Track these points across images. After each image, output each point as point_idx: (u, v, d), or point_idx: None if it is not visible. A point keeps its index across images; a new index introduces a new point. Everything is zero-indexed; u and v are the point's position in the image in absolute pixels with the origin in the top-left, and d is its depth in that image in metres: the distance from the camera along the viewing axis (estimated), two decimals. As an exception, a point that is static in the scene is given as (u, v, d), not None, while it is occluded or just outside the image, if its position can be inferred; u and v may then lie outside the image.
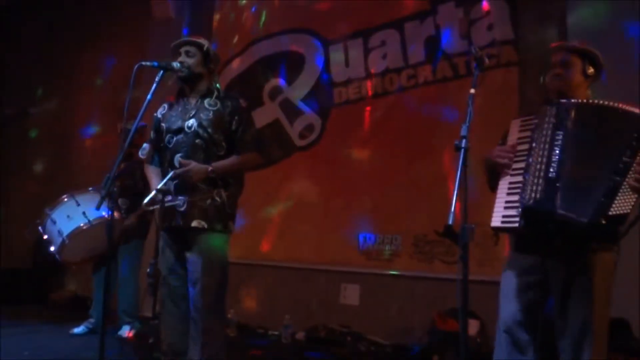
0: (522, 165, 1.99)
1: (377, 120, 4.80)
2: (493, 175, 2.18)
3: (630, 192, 1.80)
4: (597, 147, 1.90)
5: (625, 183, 1.80)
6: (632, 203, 1.81)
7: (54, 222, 3.72)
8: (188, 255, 2.62)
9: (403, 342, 4.13)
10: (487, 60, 2.10)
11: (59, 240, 3.69)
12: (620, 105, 1.92)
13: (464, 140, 1.78)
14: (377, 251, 4.57)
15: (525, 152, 2.00)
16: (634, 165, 1.81)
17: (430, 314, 3.99)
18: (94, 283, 4.27)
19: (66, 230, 3.67)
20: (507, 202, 1.97)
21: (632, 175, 1.80)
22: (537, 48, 4.09)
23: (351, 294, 4.63)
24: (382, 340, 4.24)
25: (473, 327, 3.67)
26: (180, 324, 2.64)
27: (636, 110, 1.90)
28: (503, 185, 2.03)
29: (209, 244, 2.60)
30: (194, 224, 2.57)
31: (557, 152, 1.89)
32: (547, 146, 1.91)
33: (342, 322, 4.46)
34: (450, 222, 1.66)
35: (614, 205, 1.79)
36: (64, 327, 4.34)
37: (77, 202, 3.78)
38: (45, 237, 3.86)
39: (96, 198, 3.80)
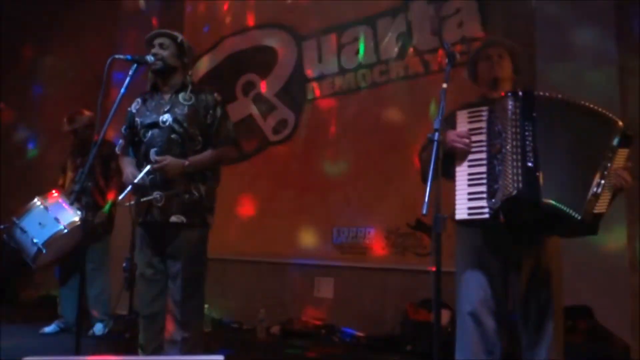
0: (481, 155, 2.00)
1: (350, 115, 4.84)
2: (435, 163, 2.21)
3: (609, 191, 1.92)
4: (572, 143, 1.96)
5: (605, 183, 1.91)
6: (609, 202, 1.93)
7: (24, 231, 3.57)
8: (167, 250, 2.61)
9: (377, 333, 4.21)
10: (458, 57, 2.16)
11: (33, 249, 3.55)
12: (583, 102, 2.01)
13: (437, 134, 1.83)
14: (351, 245, 4.63)
15: (482, 143, 2.02)
16: (613, 166, 1.93)
17: (403, 305, 4.07)
18: (60, 295, 4.19)
19: (41, 239, 3.54)
20: (470, 193, 1.99)
21: (613, 175, 1.92)
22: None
23: (325, 287, 4.68)
24: (356, 332, 4.30)
25: (445, 317, 3.75)
26: (157, 318, 2.63)
27: (606, 112, 2.00)
28: (462, 176, 2.03)
29: (188, 239, 2.59)
30: (173, 219, 2.56)
31: (530, 142, 1.93)
32: (518, 136, 1.94)
33: (317, 315, 4.51)
34: (424, 212, 1.70)
35: (598, 204, 1.90)
36: (34, 326, 4.25)
37: (45, 207, 3.64)
38: (14, 246, 3.72)
39: (63, 201, 3.72)
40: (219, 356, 1.49)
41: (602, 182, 1.91)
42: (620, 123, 2.00)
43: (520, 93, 2.02)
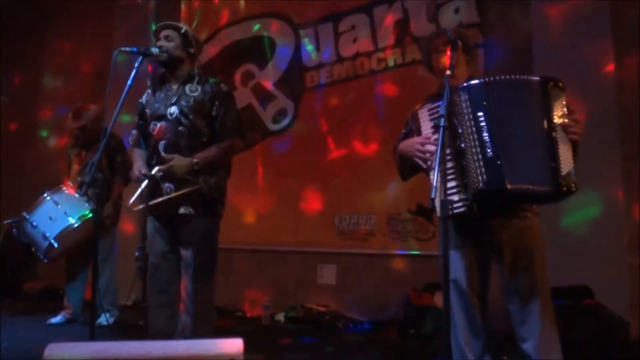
0: (447, 151, 2.01)
1: (349, 103, 4.88)
2: (409, 166, 2.28)
3: (565, 145, 1.95)
4: (517, 117, 2.01)
5: (557, 140, 1.95)
6: (571, 155, 1.96)
7: (35, 226, 3.58)
8: (178, 240, 2.65)
9: (380, 318, 4.28)
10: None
11: (44, 243, 3.56)
12: (520, 76, 2.06)
13: (442, 119, 1.87)
14: (352, 231, 4.69)
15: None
16: (555, 119, 1.97)
17: (405, 289, 4.14)
18: (67, 290, 4.22)
19: (52, 233, 3.55)
20: (447, 189, 1.97)
21: (560, 129, 1.96)
22: (501, 30, 4.25)
23: (328, 274, 4.74)
24: (360, 317, 4.37)
25: (446, 299, 3.81)
26: (168, 307, 2.67)
27: (523, 76, 2.06)
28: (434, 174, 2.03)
29: (197, 230, 2.63)
30: (182, 210, 2.59)
31: (486, 132, 1.97)
32: (474, 129, 1.99)
33: (320, 302, 4.58)
34: (432, 196, 1.75)
35: (561, 165, 1.93)
36: (40, 317, 4.29)
37: (55, 202, 3.63)
38: (24, 240, 3.73)
39: (72, 195, 3.75)
40: (237, 339, 1.53)
41: (555, 141, 1.95)
42: (536, 78, 2.04)
43: (467, 85, 2.06)
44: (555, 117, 1.98)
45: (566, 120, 1.99)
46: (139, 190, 2.47)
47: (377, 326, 4.19)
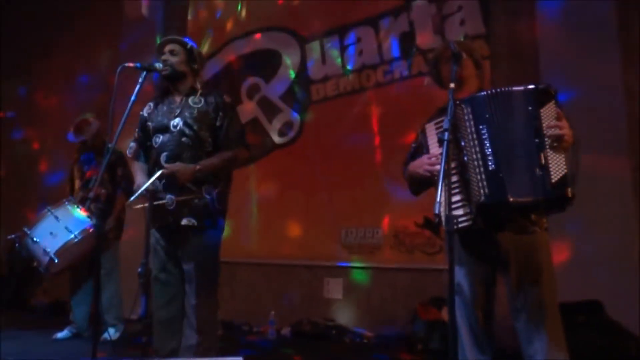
0: (452, 164, 2.00)
1: (355, 116, 4.87)
2: (419, 184, 2.26)
3: (555, 153, 1.91)
4: (513, 128, 1.99)
5: (545, 147, 1.91)
6: (564, 161, 1.91)
7: (36, 241, 3.57)
8: (180, 253, 2.64)
9: (387, 332, 4.22)
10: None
11: (45, 259, 3.54)
12: (510, 86, 2.04)
13: (446, 133, 1.85)
14: (359, 245, 4.65)
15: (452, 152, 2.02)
16: (544, 126, 1.93)
17: (413, 304, 4.09)
18: (71, 301, 4.22)
19: (52, 248, 3.53)
20: (451, 203, 1.98)
21: (548, 136, 1.92)
22: (507, 42, 4.23)
23: (334, 288, 4.70)
24: (367, 332, 4.32)
25: (455, 314, 3.76)
26: (172, 321, 2.65)
27: (519, 86, 2.03)
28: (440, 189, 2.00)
29: (199, 242, 2.62)
30: (184, 222, 2.58)
31: (488, 145, 1.96)
32: (476, 142, 1.98)
33: (326, 316, 4.53)
34: (436, 211, 1.72)
35: (551, 172, 1.89)
36: (46, 332, 4.28)
37: (56, 217, 3.63)
38: (25, 255, 3.73)
39: (74, 209, 3.74)
40: (238, 357, 1.50)
41: (543, 149, 1.92)
42: (520, 88, 2.02)
43: (469, 98, 2.05)
44: (544, 123, 1.95)
45: (554, 124, 1.94)
46: (140, 190, 2.45)
47: (384, 341, 4.14)
